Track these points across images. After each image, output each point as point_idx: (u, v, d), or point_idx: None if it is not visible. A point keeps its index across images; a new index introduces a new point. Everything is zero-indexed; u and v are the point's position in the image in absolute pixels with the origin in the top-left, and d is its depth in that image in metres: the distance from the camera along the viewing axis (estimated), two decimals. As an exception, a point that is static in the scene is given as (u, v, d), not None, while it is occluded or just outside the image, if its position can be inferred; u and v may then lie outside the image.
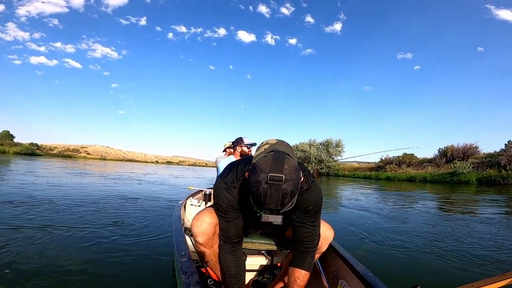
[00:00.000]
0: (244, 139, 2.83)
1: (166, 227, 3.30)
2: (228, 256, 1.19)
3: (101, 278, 1.84)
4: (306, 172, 1.16)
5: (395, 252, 2.87)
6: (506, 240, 3.42)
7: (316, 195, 1.16)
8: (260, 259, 1.60)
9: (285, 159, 0.90)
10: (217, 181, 1.20)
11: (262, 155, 0.95)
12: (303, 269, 1.20)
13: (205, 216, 1.20)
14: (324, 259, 1.61)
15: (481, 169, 16.86)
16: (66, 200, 4.74)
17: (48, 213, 3.64)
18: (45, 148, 50.01)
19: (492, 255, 2.80)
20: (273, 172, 0.86)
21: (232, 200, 1.12)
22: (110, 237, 2.77)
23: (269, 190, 0.85)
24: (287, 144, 1.07)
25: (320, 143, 31.97)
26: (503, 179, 14.46)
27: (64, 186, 6.69)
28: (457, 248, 3.02)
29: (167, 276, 1.96)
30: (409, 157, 25.73)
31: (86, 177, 10.51)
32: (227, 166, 1.22)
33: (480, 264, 2.53)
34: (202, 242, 1.20)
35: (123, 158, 62.20)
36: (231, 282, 1.20)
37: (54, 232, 2.78)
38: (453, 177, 16.95)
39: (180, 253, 1.32)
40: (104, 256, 2.21)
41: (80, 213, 3.75)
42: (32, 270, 1.87)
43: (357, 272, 1.33)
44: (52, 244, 2.41)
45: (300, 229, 1.18)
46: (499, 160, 16.13)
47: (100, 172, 14.50)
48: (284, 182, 0.85)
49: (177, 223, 1.95)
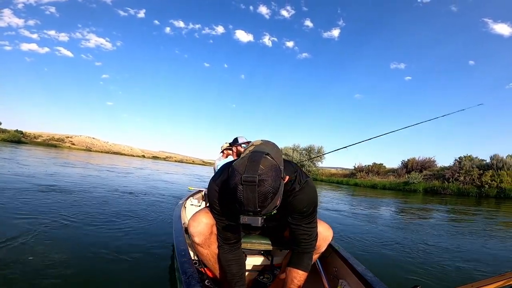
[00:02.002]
0: (239, 139, 2.77)
1: (166, 227, 3.29)
2: (229, 255, 1.20)
3: (101, 278, 1.83)
4: (298, 172, 1.13)
5: (395, 252, 2.90)
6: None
7: (310, 195, 1.13)
8: (260, 259, 1.60)
9: (261, 159, 0.88)
10: (209, 184, 1.18)
11: (241, 157, 0.93)
12: (300, 269, 1.19)
13: (201, 217, 1.20)
14: (324, 259, 1.61)
15: (429, 180, 19.56)
16: (65, 196, 4.59)
17: (43, 209, 3.53)
18: (29, 136, 49.43)
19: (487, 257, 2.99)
20: (246, 173, 0.84)
21: (225, 202, 1.10)
22: (109, 236, 2.75)
23: (244, 191, 0.83)
24: (272, 144, 1.05)
25: (304, 148, 34.33)
26: (443, 190, 17.13)
27: (62, 181, 6.41)
28: (457, 248, 3.16)
29: (167, 276, 1.95)
30: (377, 166, 28.47)
31: (84, 170, 10.49)
32: (220, 168, 1.20)
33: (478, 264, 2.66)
34: (199, 242, 1.20)
35: (109, 150, 61.33)
36: (233, 280, 1.19)
37: (52, 231, 2.69)
38: (405, 186, 19.54)
39: (180, 253, 1.32)
40: (103, 256, 2.19)
41: (79, 212, 3.64)
42: (30, 270, 1.82)
43: (357, 272, 1.33)
44: (49, 243, 2.34)
45: (296, 231, 1.17)
46: (445, 174, 18.87)
47: (96, 164, 14.79)
48: (259, 183, 0.83)
49: (177, 223, 1.95)
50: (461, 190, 16.41)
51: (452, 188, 16.89)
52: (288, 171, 1.07)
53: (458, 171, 18.16)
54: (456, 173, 18.06)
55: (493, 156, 17.70)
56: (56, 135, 57.69)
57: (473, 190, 15.93)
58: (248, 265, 1.56)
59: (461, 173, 17.75)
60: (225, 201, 1.10)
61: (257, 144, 1.03)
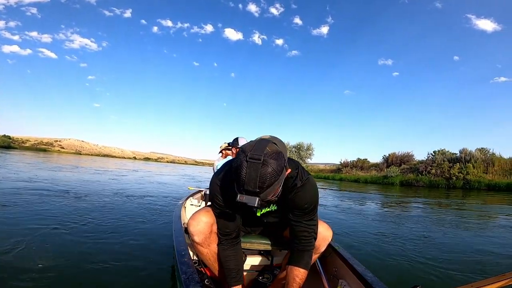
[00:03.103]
0: (240, 140, 2.75)
1: (166, 227, 3.31)
2: (227, 251, 1.23)
3: (100, 278, 1.84)
4: (300, 168, 1.15)
5: (394, 252, 2.93)
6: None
7: (311, 192, 1.15)
8: (260, 259, 1.61)
9: (268, 144, 0.91)
10: (212, 179, 1.21)
11: (248, 142, 0.95)
12: (300, 267, 1.20)
13: (201, 216, 1.22)
14: (324, 259, 1.62)
15: (406, 173, 21.02)
16: (64, 197, 4.70)
17: (43, 210, 3.62)
18: (17, 141, 48.90)
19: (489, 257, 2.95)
20: (253, 151, 0.87)
21: (226, 196, 1.13)
22: (109, 236, 2.76)
23: (247, 169, 0.85)
24: (279, 139, 1.07)
25: (293, 146, 35.46)
26: (416, 182, 18.59)
27: (60, 183, 6.67)
28: (457, 249, 3.14)
29: (167, 276, 1.97)
30: (362, 161, 29.92)
31: (79, 174, 10.51)
32: (222, 165, 1.23)
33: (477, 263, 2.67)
34: (198, 241, 1.22)
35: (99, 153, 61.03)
36: (230, 276, 1.22)
37: (50, 231, 2.73)
38: (384, 179, 20.97)
39: (180, 253, 1.33)
40: (103, 256, 2.21)
41: (77, 211, 3.72)
42: (28, 271, 1.82)
43: (357, 272, 1.34)
44: (48, 244, 2.36)
45: (296, 228, 1.18)
46: (419, 167, 20.35)
47: (92, 168, 14.78)
48: (263, 163, 0.85)
49: (177, 223, 1.97)
50: (432, 182, 17.90)
51: (424, 180, 18.37)
52: (290, 166, 1.10)
53: (431, 164, 19.66)
54: (429, 167, 19.56)
55: (462, 149, 19.26)
56: (45, 139, 57.15)
57: (442, 182, 17.44)
58: (248, 265, 1.58)
59: (433, 166, 19.24)
60: (227, 194, 1.12)
61: (265, 138, 1.06)
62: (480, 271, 2.50)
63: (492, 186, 15.13)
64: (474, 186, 15.88)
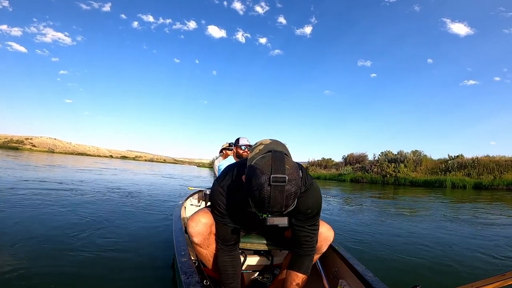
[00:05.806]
0: (241, 140, 2.71)
1: (166, 227, 3.29)
2: (225, 257, 1.23)
3: (100, 279, 1.84)
4: (304, 173, 1.13)
5: (394, 252, 2.97)
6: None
7: (315, 197, 1.15)
8: (260, 259, 1.60)
9: (284, 159, 0.89)
10: (213, 186, 1.20)
11: (259, 157, 0.93)
12: (300, 272, 1.21)
13: (200, 217, 1.22)
14: (324, 259, 1.61)
15: (356, 172, 24.89)
16: (63, 198, 4.71)
17: (44, 210, 3.61)
18: (-15, 139, 47.36)
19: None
20: (275, 173, 0.84)
21: (229, 204, 1.12)
22: (109, 236, 2.76)
23: (272, 192, 0.83)
24: (282, 144, 1.06)
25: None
26: (362, 179, 22.44)
27: (54, 182, 6.68)
28: (457, 249, 3.20)
29: (167, 276, 1.97)
30: (326, 161, 33.79)
31: (80, 173, 10.59)
32: (223, 170, 1.22)
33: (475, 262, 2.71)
34: (198, 242, 1.23)
35: (73, 151, 59.95)
36: (227, 282, 1.23)
37: (50, 232, 2.73)
38: (339, 176, 24.69)
39: (180, 253, 1.33)
40: (103, 256, 2.20)
41: (76, 211, 3.69)
42: (27, 271, 1.82)
43: (357, 272, 1.34)
44: (47, 244, 2.37)
45: (298, 233, 1.19)
46: (366, 166, 24.28)
47: (74, 167, 15.16)
48: (288, 183, 0.84)
49: (177, 223, 1.95)
50: (373, 179, 21.81)
51: (367, 177, 22.23)
52: None
53: (375, 164, 23.62)
54: (373, 166, 23.49)
55: (399, 151, 23.42)
56: (15, 136, 55.09)
57: (379, 179, 21.35)
58: (248, 265, 1.58)
59: (376, 165, 23.18)
60: (230, 203, 1.12)
61: (266, 143, 1.04)
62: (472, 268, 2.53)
63: (414, 182, 19.19)
64: (401, 183, 19.87)
